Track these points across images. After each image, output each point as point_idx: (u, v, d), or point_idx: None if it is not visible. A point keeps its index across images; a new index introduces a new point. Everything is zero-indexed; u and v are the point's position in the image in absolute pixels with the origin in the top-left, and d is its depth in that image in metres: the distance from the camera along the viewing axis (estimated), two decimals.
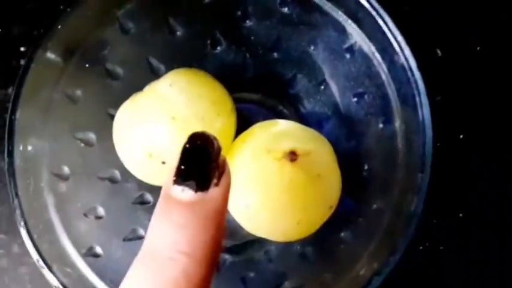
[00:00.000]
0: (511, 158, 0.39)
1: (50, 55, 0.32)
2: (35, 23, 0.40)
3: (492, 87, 0.40)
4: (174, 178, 0.21)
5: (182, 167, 0.21)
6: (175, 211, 0.21)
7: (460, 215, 0.39)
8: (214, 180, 0.21)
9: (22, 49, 0.41)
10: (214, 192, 0.21)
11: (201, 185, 0.21)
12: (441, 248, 0.39)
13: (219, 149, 0.22)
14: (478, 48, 0.40)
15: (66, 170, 0.33)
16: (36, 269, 0.38)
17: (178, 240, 0.20)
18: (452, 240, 0.39)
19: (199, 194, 0.21)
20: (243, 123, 0.35)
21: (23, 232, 0.30)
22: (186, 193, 0.21)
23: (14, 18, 0.41)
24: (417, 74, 0.29)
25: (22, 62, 0.39)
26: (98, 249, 0.33)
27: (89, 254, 0.32)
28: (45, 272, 0.30)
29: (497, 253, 0.39)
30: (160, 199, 0.21)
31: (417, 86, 0.29)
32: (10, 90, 0.40)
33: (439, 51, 0.40)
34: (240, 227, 0.34)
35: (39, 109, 0.33)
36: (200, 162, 0.21)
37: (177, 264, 0.20)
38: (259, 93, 0.39)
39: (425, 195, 0.28)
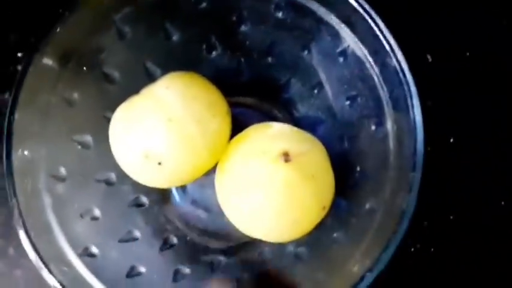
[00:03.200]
0: (501, 161, 0.40)
1: (48, 59, 0.33)
2: (32, 30, 0.40)
3: (482, 92, 0.40)
4: None
5: None
6: None
7: (451, 217, 0.39)
8: None
9: (19, 55, 0.41)
10: None
11: None
12: (432, 250, 0.39)
13: None
14: (467, 54, 0.41)
15: (63, 171, 0.34)
16: (31, 272, 0.39)
17: None
18: (443, 243, 0.39)
19: None
20: (237, 127, 0.36)
21: (21, 232, 0.31)
22: None
23: (11, 25, 0.41)
24: (409, 77, 0.30)
25: (19, 67, 0.40)
26: (94, 250, 0.33)
27: (85, 254, 0.33)
28: (43, 270, 0.30)
29: (488, 255, 0.39)
30: None
31: (409, 88, 0.30)
32: (7, 95, 0.41)
33: (429, 57, 0.40)
34: (235, 229, 0.34)
35: (37, 112, 0.33)
36: None
37: None
38: (253, 97, 0.40)
39: (417, 194, 0.29)
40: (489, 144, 0.40)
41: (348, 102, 0.35)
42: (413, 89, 0.30)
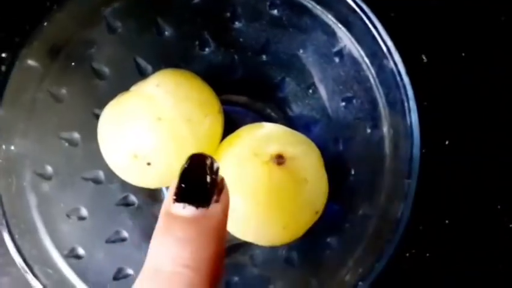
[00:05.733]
0: (497, 164, 0.39)
1: (35, 53, 0.32)
2: (18, 28, 0.39)
3: (478, 93, 0.40)
4: (175, 197, 0.22)
5: (182, 185, 0.22)
6: (178, 227, 0.21)
7: (446, 221, 0.39)
8: (215, 197, 0.22)
9: (3, 55, 0.40)
10: (215, 208, 0.22)
11: (202, 201, 0.22)
12: (427, 255, 0.38)
13: (217, 168, 0.23)
14: (463, 54, 0.40)
15: (49, 169, 0.33)
16: (18, 279, 0.38)
17: (182, 255, 0.21)
18: (438, 247, 0.39)
19: (201, 209, 0.22)
20: (230, 126, 0.35)
21: (5, 233, 0.30)
22: (188, 209, 0.21)
23: None
24: (406, 79, 0.29)
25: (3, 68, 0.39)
26: (80, 251, 0.32)
27: (71, 255, 0.32)
28: (27, 274, 0.29)
29: (483, 260, 0.39)
30: (160, 218, 0.22)
31: (406, 91, 0.29)
32: None
33: (424, 57, 0.40)
34: None
35: (23, 108, 0.32)
36: (200, 180, 0.22)
37: (183, 277, 0.21)
38: (247, 96, 0.39)
39: (412, 202, 0.28)
40: (485, 147, 0.40)
41: (343, 104, 0.34)
42: (410, 92, 0.29)
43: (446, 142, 0.39)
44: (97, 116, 0.34)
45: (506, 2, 0.41)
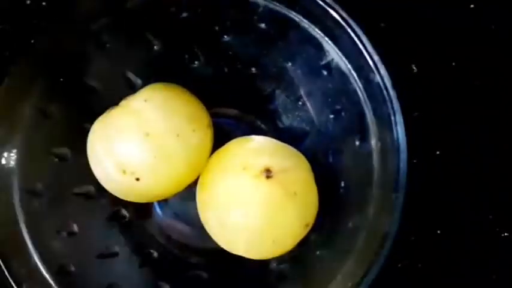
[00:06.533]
0: (489, 174, 0.39)
1: (24, 69, 0.32)
2: (5, 45, 0.39)
3: (468, 103, 0.40)
4: None
5: None
6: None
7: (438, 231, 0.39)
8: None
9: None
10: None
11: None
12: (419, 265, 0.38)
13: None
14: (453, 64, 0.40)
15: (39, 185, 0.33)
16: None
17: None
18: (430, 258, 0.38)
19: None
20: (220, 138, 0.35)
21: None
22: None
23: None
24: (392, 93, 0.29)
25: None
26: (71, 267, 0.32)
27: (61, 273, 0.32)
28: None
29: (476, 270, 0.39)
30: None
31: (392, 105, 0.29)
32: None
33: (414, 67, 0.39)
34: (216, 244, 0.33)
35: (11, 124, 0.32)
36: None
37: None
38: (237, 109, 0.39)
39: (400, 215, 0.28)
40: (476, 157, 0.39)
41: (332, 116, 0.34)
42: (396, 105, 0.29)
43: (437, 152, 0.39)
44: (87, 131, 0.33)
45: (497, 11, 0.41)
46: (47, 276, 0.31)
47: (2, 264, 0.29)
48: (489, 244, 0.39)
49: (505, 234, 0.39)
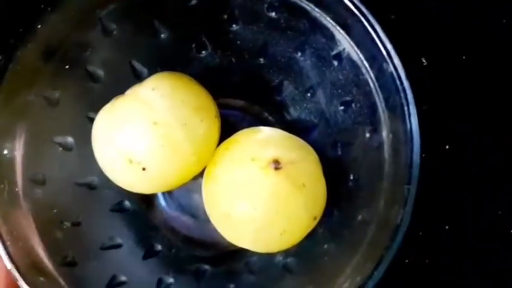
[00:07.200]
0: (499, 169, 0.39)
1: (29, 56, 0.31)
2: (10, 32, 0.39)
3: (478, 97, 0.39)
4: None
5: None
6: None
7: (446, 227, 0.38)
8: None
9: None
10: None
11: None
12: (427, 261, 0.38)
13: None
14: (463, 57, 0.39)
15: (42, 175, 0.32)
16: None
17: None
18: (438, 254, 0.38)
19: None
20: (227, 130, 0.34)
21: None
22: None
23: None
24: (406, 83, 0.28)
25: None
26: (74, 258, 0.32)
27: (64, 263, 0.31)
28: (18, 281, 0.29)
29: (483, 265, 0.38)
30: None
31: (406, 96, 0.28)
32: None
33: (424, 60, 0.39)
34: (221, 237, 0.33)
35: (15, 112, 0.31)
36: None
37: None
38: (244, 99, 0.38)
39: (412, 208, 0.28)
40: (486, 152, 0.39)
41: (342, 108, 0.33)
42: (410, 96, 0.28)
43: (447, 147, 0.39)
44: (91, 120, 0.33)
45: (508, 5, 0.40)
46: (50, 266, 0.30)
47: (5, 254, 0.29)
48: (497, 240, 0.39)
49: None
